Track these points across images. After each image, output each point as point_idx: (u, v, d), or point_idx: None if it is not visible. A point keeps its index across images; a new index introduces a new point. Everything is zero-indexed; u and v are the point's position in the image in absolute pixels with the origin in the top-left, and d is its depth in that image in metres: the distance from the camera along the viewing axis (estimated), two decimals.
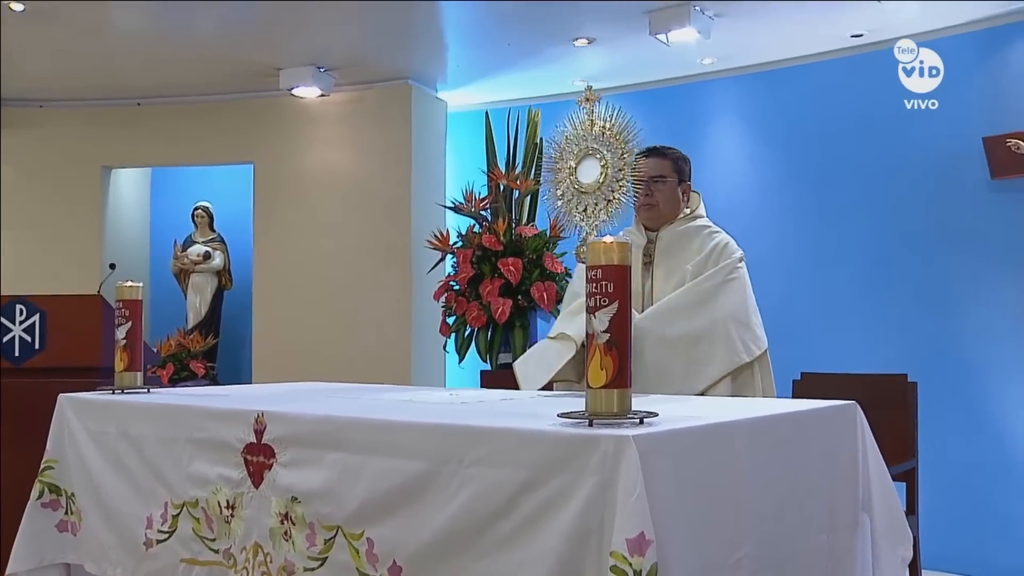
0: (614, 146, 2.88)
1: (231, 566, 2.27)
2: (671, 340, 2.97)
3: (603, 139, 2.89)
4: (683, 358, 2.95)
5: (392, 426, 1.95)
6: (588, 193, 2.90)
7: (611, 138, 2.88)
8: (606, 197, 2.89)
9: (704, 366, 2.94)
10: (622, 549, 1.51)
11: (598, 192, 2.89)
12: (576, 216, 2.95)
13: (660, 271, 3.17)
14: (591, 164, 2.89)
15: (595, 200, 2.89)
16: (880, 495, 2.22)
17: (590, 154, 2.90)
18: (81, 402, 2.80)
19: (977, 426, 4.82)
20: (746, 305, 3.06)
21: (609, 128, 2.85)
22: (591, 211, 2.90)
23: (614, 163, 2.86)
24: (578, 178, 2.91)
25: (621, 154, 2.87)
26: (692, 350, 2.95)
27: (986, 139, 4.84)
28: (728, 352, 2.95)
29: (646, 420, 1.71)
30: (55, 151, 6.62)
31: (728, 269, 3.08)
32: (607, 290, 1.71)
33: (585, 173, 2.90)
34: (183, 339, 6.33)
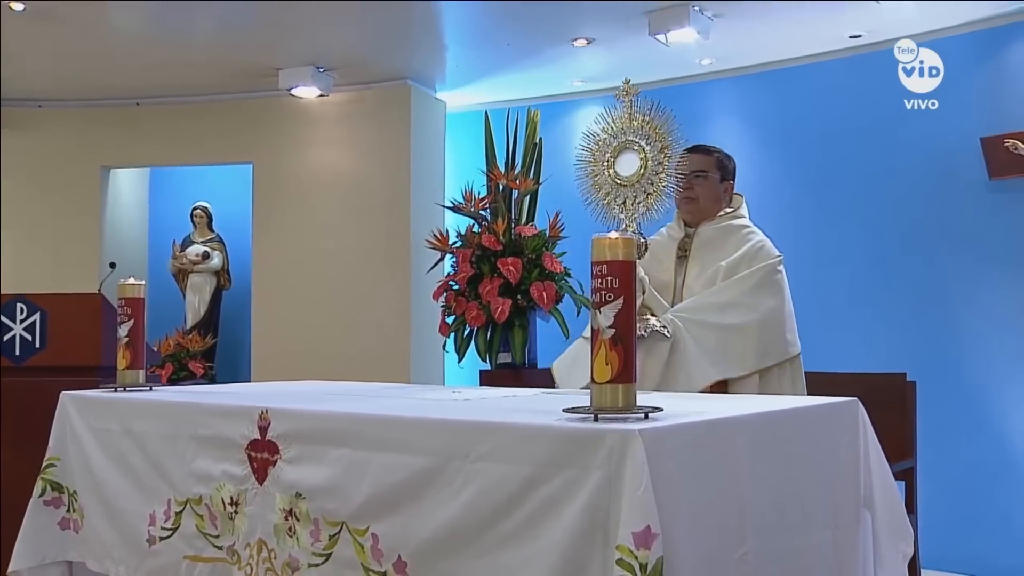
0: (653, 139, 2.89)
1: (235, 563, 2.28)
2: (704, 331, 2.97)
3: (642, 132, 2.91)
4: (713, 349, 2.94)
5: (397, 422, 1.96)
6: (627, 186, 2.90)
7: (650, 131, 2.90)
8: (645, 190, 2.89)
9: (732, 360, 2.94)
10: (628, 543, 1.52)
11: (637, 185, 2.89)
12: (615, 209, 2.96)
13: (694, 266, 3.18)
14: (630, 157, 2.89)
15: (634, 193, 2.90)
16: (882, 491, 2.23)
17: (628, 147, 2.91)
18: (83, 400, 2.81)
19: (976, 425, 4.83)
20: (783, 307, 3.06)
21: (648, 122, 2.87)
22: (630, 204, 2.91)
23: (654, 156, 2.87)
24: (617, 171, 2.92)
25: (660, 147, 2.88)
26: (723, 343, 2.95)
27: (984, 139, 4.85)
28: (758, 351, 2.94)
29: (651, 415, 1.72)
30: (54, 151, 6.62)
31: (768, 269, 3.08)
32: (612, 285, 1.72)
33: (624, 166, 2.91)
34: (182, 339, 6.32)
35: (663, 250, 3.26)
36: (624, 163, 2.82)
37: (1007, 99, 4.86)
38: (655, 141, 2.80)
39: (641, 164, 2.78)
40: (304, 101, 6.28)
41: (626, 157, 2.82)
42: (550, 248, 4.91)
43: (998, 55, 4.91)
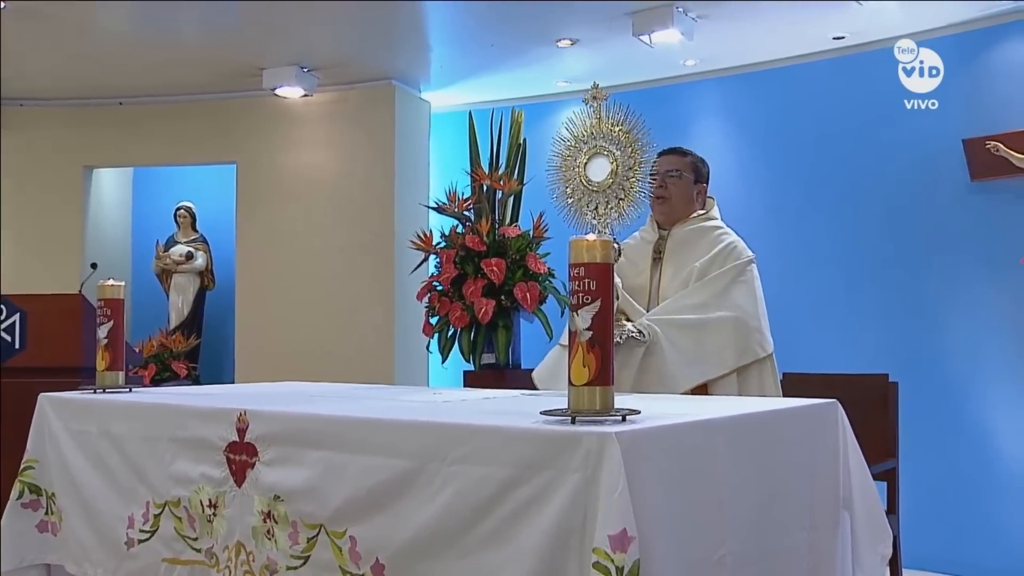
0: (624, 144, 2.89)
1: (213, 565, 2.27)
2: (679, 333, 2.97)
3: (612, 137, 2.91)
4: (691, 351, 2.96)
5: (375, 424, 1.95)
6: (599, 192, 2.91)
7: (621, 136, 2.90)
8: (617, 195, 2.90)
9: (711, 360, 2.95)
10: (604, 546, 1.52)
11: (609, 191, 2.90)
12: (587, 214, 2.97)
13: (669, 268, 3.20)
14: (601, 163, 2.89)
15: (606, 198, 2.90)
16: (861, 493, 2.24)
17: (599, 152, 2.91)
18: (62, 402, 2.79)
19: (959, 426, 4.85)
20: (756, 306, 3.08)
21: (619, 126, 2.87)
22: (602, 210, 2.91)
23: (624, 162, 2.87)
24: (588, 176, 2.92)
25: (631, 152, 2.88)
26: (700, 344, 2.96)
27: (966, 141, 4.87)
28: (735, 349, 2.96)
29: (628, 418, 1.72)
30: (37, 150, 6.58)
31: (739, 269, 3.10)
32: (590, 288, 1.72)
33: (595, 171, 2.91)
34: (165, 340, 6.30)
35: (637, 253, 3.27)
36: (595, 168, 2.82)
37: (989, 101, 4.88)
38: (625, 146, 2.80)
39: (612, 169, 2.79)
40: (288, 101, 6.26)
41: (597, 162, 2.82)
42: (534, 249, 4.91)
43: (980, 57, 4.93)
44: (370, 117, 6.25)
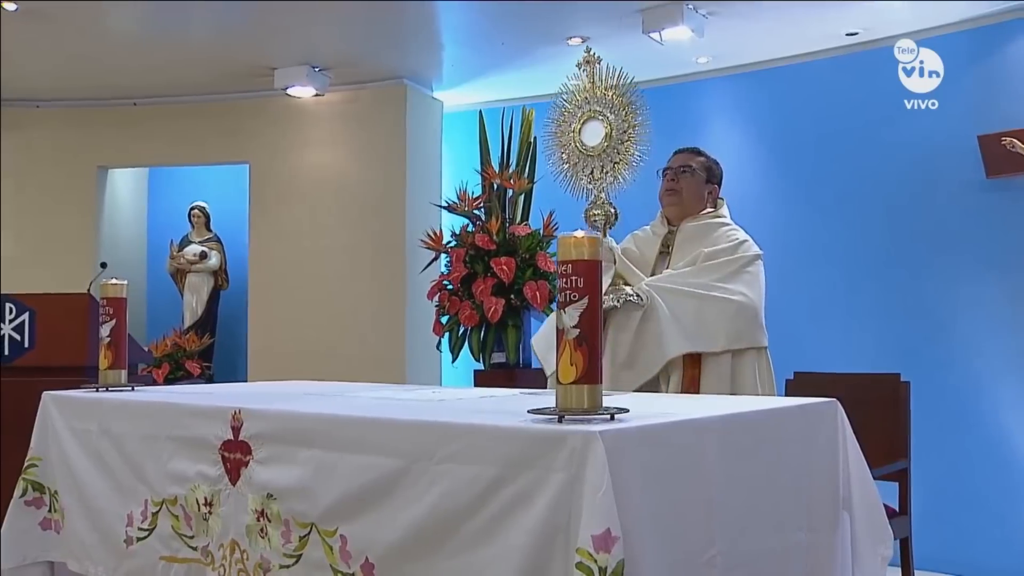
0: (618, 108, 2.89)
1: (209, 563, 2.27)
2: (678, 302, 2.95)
3: (606, 101, 2.90)
4: (688, 322, 2.94)
5: (364, 423, 1.95)
6: (594, 156, 2.91)
7: (614, 100, 2.89)
8: (612, 159, 2.90)
9: (706, 335, 2.94)
10: (588, 546, 1.50)
11: (603, 155, 2.90)
12: (583, 179, 2.96)
13: (677, 259, 3.18)
14: (595, 127, 2.89)
15: (601, 163, 2.91)
16: (860, 493, 2.21)
17: (593, 117, 2.91)
18: (64, 400, 2.81)
19: (970, 426, 4.79)
20: (759, 298, 3.07)
21: (612, 90, 2.86)
22: (598, 174, 2.91)
23: (618, 125, 2.87)
24: (583, 141, 2.92)
25: (625, 115, 2.88)
26: (699, 317, 2.94)
27: (981, 137, 4.81)
28: (733, 330, 2.95)
29: (617, 416, 1.71)
30: (52, 151, 6.62)
31: (748, 260, 3.09)
32: (577, 285, 1.70)
33: (590, 136, 2.91)
34: (179, 339, 6.32)
35: (646, 244, 3.27)
36: (590, 133, 2.83)
37: (1004, 97, 4.81)
38: (619, 109, 2.80)
39: (606, 133, 2.78)
40: (300, 101, 6.27)
41: (592, 127, 2.82)
42: (544, 247, 4.90)
43: (995, 53, 4.87)
44: (382, 116, 6.25)
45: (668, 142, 3.84)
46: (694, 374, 2.94)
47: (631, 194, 3.42)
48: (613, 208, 2.99)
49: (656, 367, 2.93)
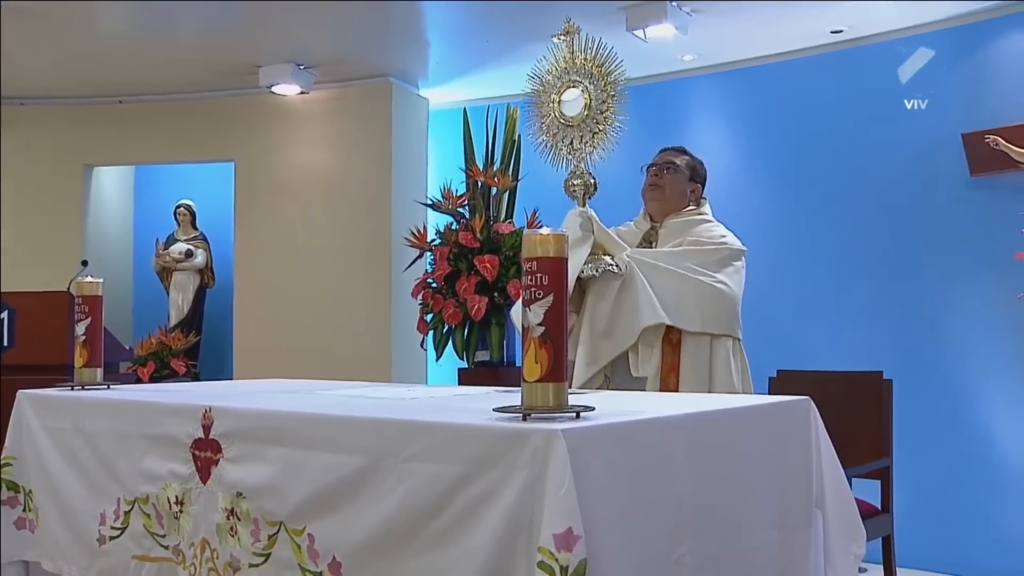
0: (596, 78, 2.90)
1: (180, 562, 2.26)
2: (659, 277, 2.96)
3: (585, 71, 2.92)
4: (666, 297, 2.95)
5: (331, 421, 1.94)
6: (574, 126, 2.93)
7: (593, 70, 2.91)
8: (591, 129, 2.92)
9: (684, 313, 2.95)
10: (549, 545, 1.49)
11: (583, 125, 2.92)
12: (563, 150, 2.98)
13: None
14: (575, 97, 2.92)
15: (580, 133, 2.92)
16: (833, 491, 2.20)
17: (573, 87, 2.93)
18: (39, 398, 2.79)
19: (957, 424, 4.80)
20: (738, 292, 3.08)
21: (591, 60, 2.88)
22: (577, 144, 2.93)
23: (597, 95, 2.88)
24: (563, 111, 2.93)
25: (604, 85, 2.89)
26: (679, 295, 2.95)
27: (965, 135, 4.81)
28: (710, 315, 2.96)
29: (582, 414, 1.70)
30: (37, 149, 6.59)
31: (735, 254, 3.11)
32: (542, 282, 1.69)
33: (569, 106, 2.93)
34: (164, 337, 6.30)
35: (628, 239, 3.27)
36: (569, 104, 2.85)
37: (988, 95, 4.81)
38: (598, 79, 2.81)
39: (586, 103, 2.80)
40: (285, 99, 6.24)
41: (571, 97, 2.85)
42: None
43: (979, 50, 4.87)
44: (367, 114, 6.23)
45: (654, 140, 3.84)
46: (673, 361, 2.94)
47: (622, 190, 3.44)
48: (592, 178, 3.02)
49: (632, 336, 2.95)
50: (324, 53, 5.81)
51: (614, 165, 3.56)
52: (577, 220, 3.02)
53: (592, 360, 2.97)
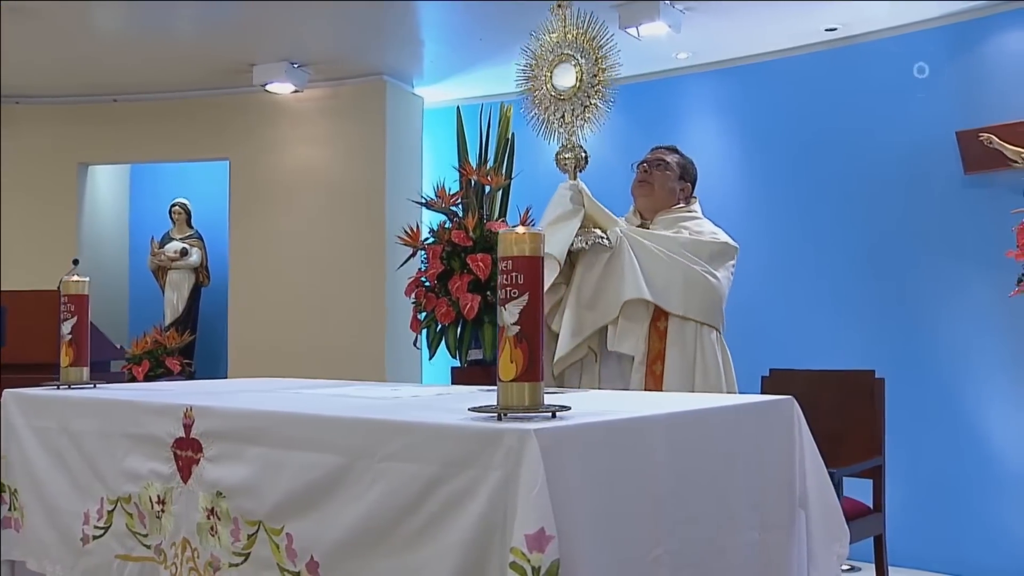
0: (588, 52, 2.93)
1: (161, 562, 2.26)
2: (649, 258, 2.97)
3: (577, 45, 2.94)
4: (654, 276, 2.96)
5: (309, 420, 1.93)
6: (566, 99, 2.95)
7: (584, 44, 2.93)
8: (583, 103, 2.94)
9: (669, 293, 2.96)
10: (521, 545, 1.48)
11: (575, 98, 2.94)
12: (555, 123, 3.00)
13: None
14: (566, 70, 2.94)
15: (572, 106, 2.94)
16: (816, 491, 2.20)
17: (564, 61, 2.95)
18: (25, 398, 2.79)
19: (952, 423, 4.79)
20: (726, 288, 3.08)
21: (582, 34, 2.90)
22: (568, 117, 2.95)
23: (589, 69, 2.91)
24: (554, 85, 2.96)
25: (595, 59, 2.91)
26: (668, 277, 2.95)
27: (959, 133, 4.80)
28: (696, 302, 2.96)
29: (559, 414, 1.69)
30: (32, 147, 6.59)
31: (731, 253, 3.12)
32: (518, 281, 1.69)
33: (561, 79, 2.95)
34: (159, 336, 6.30)
35: None
36: (561, 77, 2.88)
37: (982, 92, 4.80)
38: (589, 53, 2.84)
39: (577, 77, 2.83)
40: (280, 97, 6.24)
41: (563, 70, 2.88)
42: None
43: (972, 48, 4.85)
44: (361, 113, 6.22)
45: (648, 138, 3.84)
46: (660, 348, 2.94)
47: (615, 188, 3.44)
48: (584, 151, 3.05)
49: (615, 308, 2.97)
50: (318, 52, 5.81)
51: (608, 162, 3.56)
52: (568, 193, 3.04)
53: (576, 330, 2.99)
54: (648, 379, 2.91)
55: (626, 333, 2.95)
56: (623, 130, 5.93)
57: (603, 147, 5.61)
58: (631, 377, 2.93)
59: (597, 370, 3.06)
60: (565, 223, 2.96)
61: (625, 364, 3.00)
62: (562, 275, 3.02)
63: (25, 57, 5.84)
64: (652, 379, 2.91)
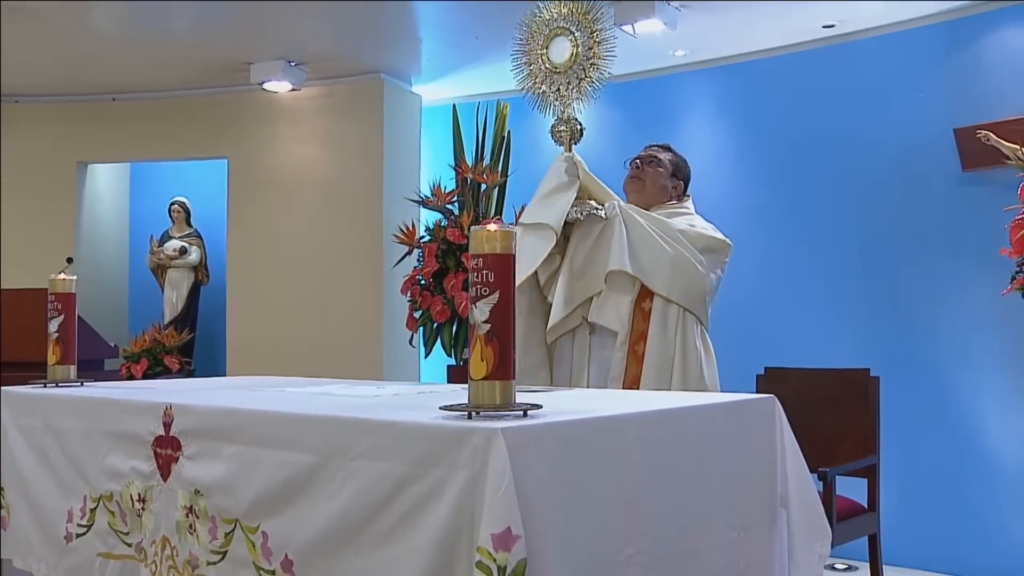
0: (583, 25, 2.94)
1: (142, 560, 2.26)
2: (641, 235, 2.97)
3: (572, 18, 2.96)
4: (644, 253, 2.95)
5: (283, 419, 1.93)
6: (561, 73, 2.97)
7: (580, 17, 2.95)
8: (578, 75, 2.95)
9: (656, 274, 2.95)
10: (487, 544, 1.48)
11: (570, 71, 2.95)
12: (550, 96, 3.02)
13: None
14: (561, 43, 2.96)
15: (567, 79, 2.96)
16: (798, 491, 2.18)
17: (560, 34, 2.98)
18: (11, 396, 2.79)
19: (948, 423, 4.77)
20: (713, 282, 3.06)
21: (578, 9, 2.92)
22: (564, 90, 2.96)
23: (584, 42, 2.92)
24: (550, 58, 2.98)
25: (590, 32, 2.93)
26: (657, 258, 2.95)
27: (957, 131, 4.77)
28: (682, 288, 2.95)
29: (530, 412, 1.68)
30: (31, 146, 6.62)
31: (721, 248, 3.10)
32: (488, 279, 1.68)
33: (556, 53, 2.97)
34: (158, 334, 6.31)
35: None
36: (556, 50, 2.90)
37: (980, 89, 4.77)
38: (585, 27, 2.86)
39: (572, 50, 2.84)
40: (277, 95, 6.24)
41: (558, 43, 2.90)
42: None
43: (970, 45, 4.83)
44: (358, 111, 6.22)
45: (646, 135, 3.83)
46: (643, 329, 2.94)
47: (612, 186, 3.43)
48: (579, 124, 3.05)
49: (601, 279, 2.97)
50: (315, 50, 5.81)
51: (605, 160, 3.56)
52: (563, 165, 3.05)
53: (568, 300, 3.00)
54: (630, 358, 2.92)
55: (606, 305, 2.97)
56: (621, 127, 5.92)
57: (600, 144, 5.63)
58: (614, 355, 2.94)
59: (589, 341, 3.06)
60: (561, 194, 2.98)
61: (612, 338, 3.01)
62: (558, 246, 3.04)
63: (25, 56, 5.85)
64: (634, 358, 2.91)
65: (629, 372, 2.92)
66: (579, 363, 3.05)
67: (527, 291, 3.04)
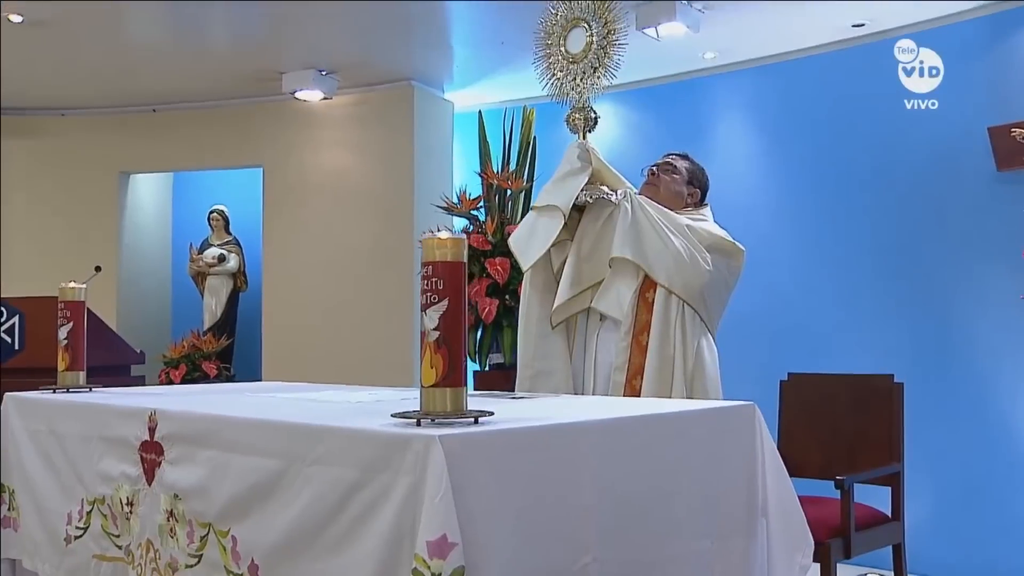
0: (599, 15, 3.00)
1: (130, 562, 2.31)
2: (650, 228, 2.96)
3: (588, 9, 3.03)
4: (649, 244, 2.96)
5: (252, 424, 1.96)
6: (577, 62, 3.03)
7: (596, 8, 3.01)
8: (593, 65, 3.01)
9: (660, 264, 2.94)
10: (423, 551, 1.48)
11: (586, 61, 3.01)
12: (567, 86, 3.08)
13: None
14: (578, 34, 3.03)
15: (583, 69, 3.01)
16: (777, 500, 2.14)
17: (576, 25, 3.04)
18: (21, 401, 2.88)
19: (981, 428, 4.64)
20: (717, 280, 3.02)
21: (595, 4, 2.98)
22: (580, 80, 3.02)
23: (599, 31, 2.98)
24: (567, 48, 3.05)
25: (606, 23, 2.99)
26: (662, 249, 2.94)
27: (991, 129, 4.64)
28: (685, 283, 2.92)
29: (480, 420, 1.68)
30: (75, 158, 6.81)
31: (732, 251, 3.08)
32: (438, 287, 1.68)
33: (573, 43, 3.04)
34: (196, 340, 6.43)
35: None
36: (573, 40, 2.96)
37: (1014, 87, 4.63)
38: (600, 17, 2.92)
39: (588, 40, 2.90)
40: (310, 104, 6.32)
41: (575, 34, 2.96)
42: None
43: (1003, 42, 4.69)
44: (390, 118, 6.27)
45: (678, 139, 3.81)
46: (646, 320, 2.92)
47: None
48: (594, 112, 3.12)
49: (605, 264, 3.01)
50: (345, 58, 5.86)
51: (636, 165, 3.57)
52: (576, 151, 3.08)
53: (575, 281, 3.04)
54: (634, 348, 2.91)
55: (609, 292, 2.99)
56: (653, 131, 5.89)
57: (633, 148, 5.60)
58: (618, 344, 2.94)
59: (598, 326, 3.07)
60: (572, 178, 3.03)
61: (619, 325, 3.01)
62: (568, 230, 3.06)
63: (69, 71, 6.02)
64: (638, 349, 2.91)
65: (633, 362, 2.92)
66: (587, 348, 3.08)
67: (541, 270, 3.10)
